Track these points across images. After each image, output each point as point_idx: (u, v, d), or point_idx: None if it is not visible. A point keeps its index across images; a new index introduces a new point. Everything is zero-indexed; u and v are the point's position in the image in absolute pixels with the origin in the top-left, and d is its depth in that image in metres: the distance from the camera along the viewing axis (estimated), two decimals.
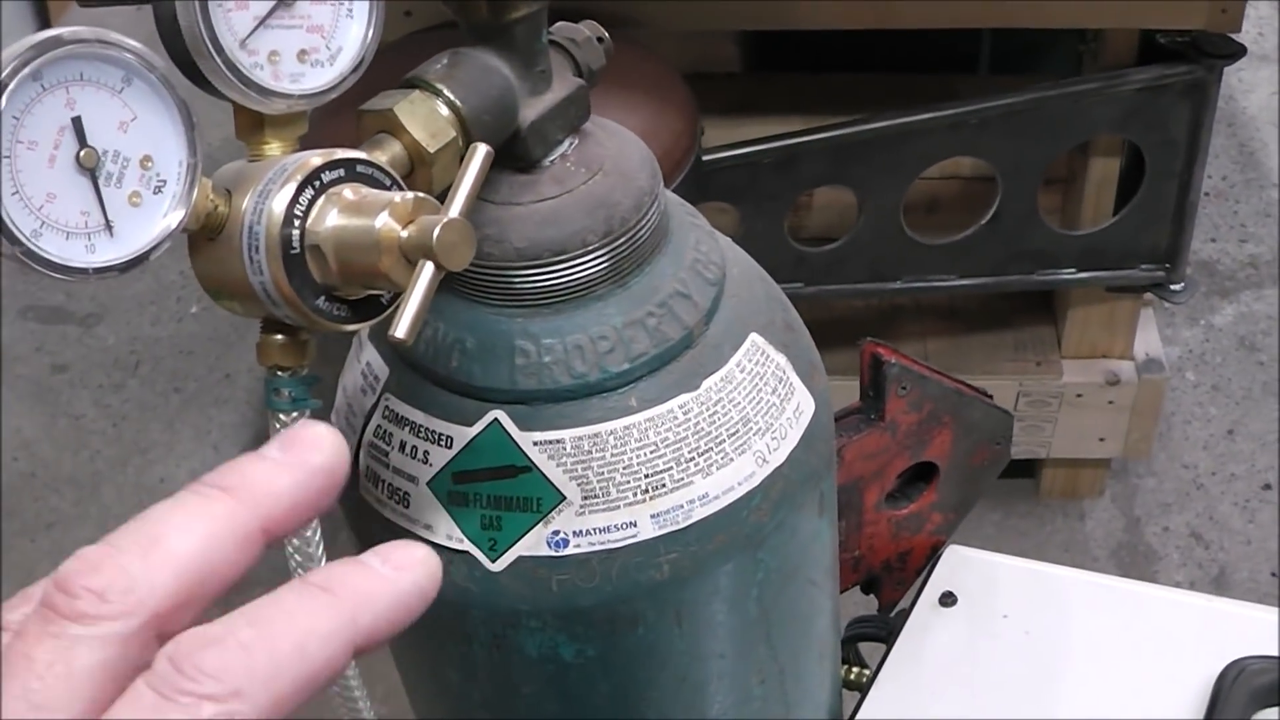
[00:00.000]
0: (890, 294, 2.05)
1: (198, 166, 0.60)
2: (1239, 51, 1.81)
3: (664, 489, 0.71)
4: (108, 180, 0.57)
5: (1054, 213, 2.05)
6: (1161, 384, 2.11)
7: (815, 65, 2.19)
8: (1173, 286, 2.01)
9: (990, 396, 0.98)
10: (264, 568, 0.49)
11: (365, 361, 0.77)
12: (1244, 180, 2.74)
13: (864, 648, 1.05)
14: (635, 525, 0.71)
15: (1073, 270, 2.00)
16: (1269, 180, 2.74)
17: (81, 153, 0.56)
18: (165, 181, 0.59)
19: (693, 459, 0.71)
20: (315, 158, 0.61)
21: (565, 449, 0.70)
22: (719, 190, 1.85)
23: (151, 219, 0.59)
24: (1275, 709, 0.89)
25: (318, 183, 0.60)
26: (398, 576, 0.49)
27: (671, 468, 0.71)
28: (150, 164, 0.59)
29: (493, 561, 0.72)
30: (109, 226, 0.58)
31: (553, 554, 0.71)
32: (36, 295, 2.68)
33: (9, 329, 2.64)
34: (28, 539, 2.25)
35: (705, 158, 1.81)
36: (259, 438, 2.38)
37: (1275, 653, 0.90)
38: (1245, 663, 0.90)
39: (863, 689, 0.98)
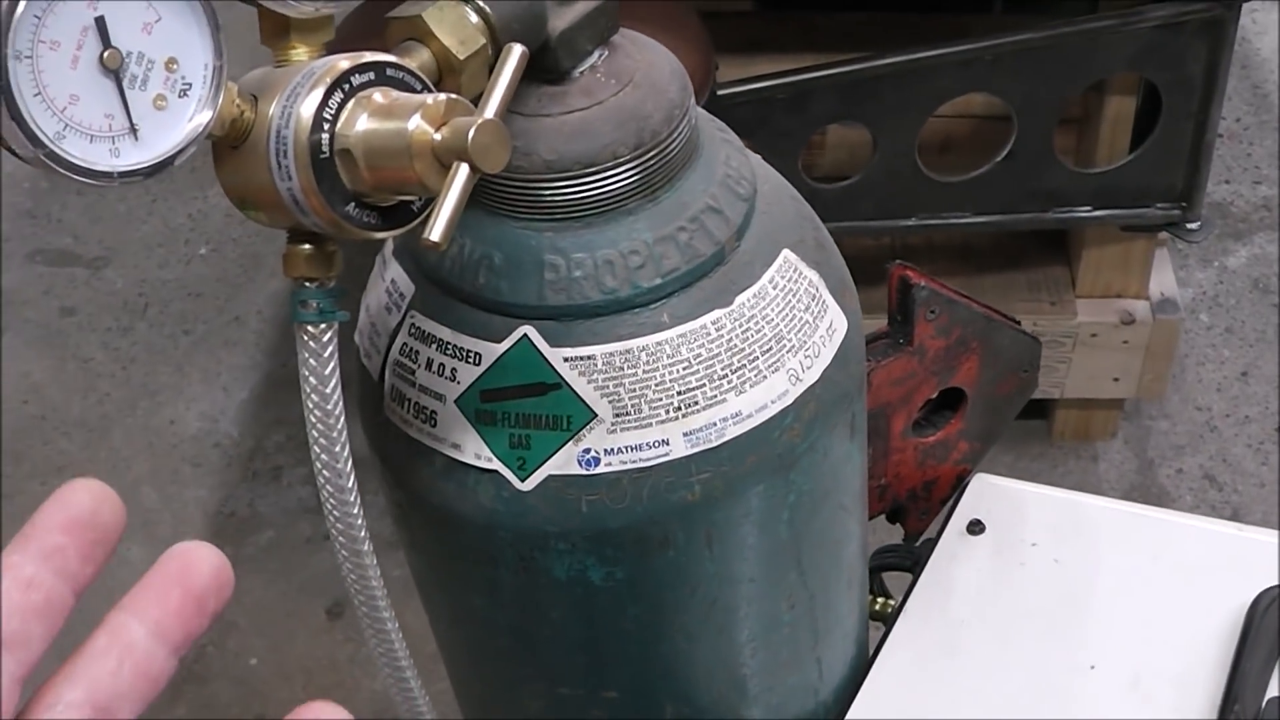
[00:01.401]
0: (903, 231, 2.03)
1: (223, 70, 0.58)
2: None
3: (696, 406, 0.70)
4: (132, 83, 0.56)
5: (1069, 152, 2.03)
6: (1176, 324, 2.09)
7: (827, 4, 2.17)
8: (1189, 225, 1.99)
9: (1019, 323, 0.97)
10: None
11: (390, 279, 0.75)
12: (1258, 122, 2.71)
13: (889, 580, 1.04)
14: (667, 444, 0.70)
15: (1088, 209, 1.97)
16: None
17: (105, 54, 0.55)
18: (190, 85, 0.58)
19: (725, 376, 0.70)
20: (344, 61, 0.59)
21: (596, 365, 0.69)
22: (733, 127, 1.82)
23: (177, 123, 0.57)
24: None
25: (347, 86, 0.59)
26: None
27: (704, 385, 0.70)
28: (175, 66, 0.57)
29: (522, 481, 0.71)
30: (134, 130, 0.56)
31: (583, 473, 0.70)
32: (44, 238, 2.67)
33: (18, 273, 2.62)
34: (38, 482, 2.23)
35: (719, 92, 1.79)
36: (267, 380, 2.37)
37: None
38: (1276, 592, 0.89)
39: (888, 620, 0.97)
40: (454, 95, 0.58)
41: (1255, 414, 2.27)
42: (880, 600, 1.01)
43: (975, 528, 0.97)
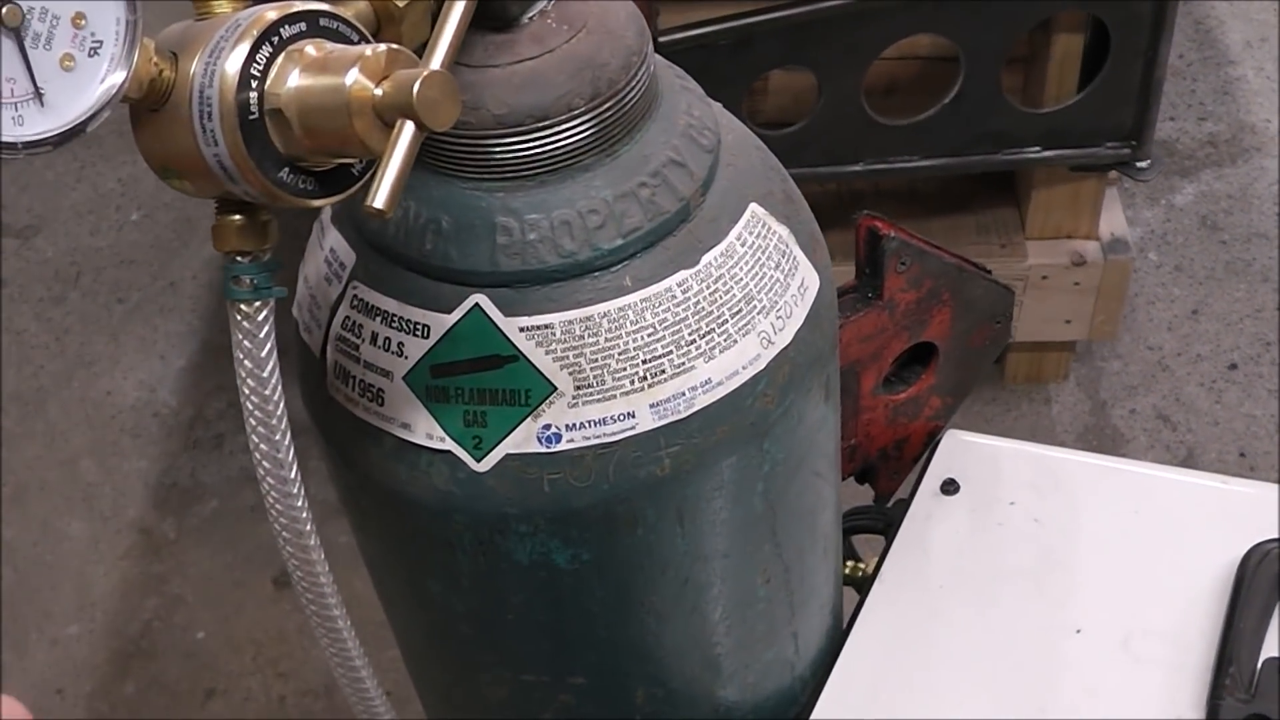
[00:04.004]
0: (850, 177, 1.99)
1: (138, 25, 0.53)
2: None
3: (663, 375, 0.65)
4: (35, 41, 0.50)
5: (1016, 92, 2.00)
6: (1127, 265, 2.06)
7: None
8: (1139, 164, 1.96)
9: (990, 272, 0.93)
10: None
11: (329, 248, 0.70)
12: (1201, 59, 2.69)
13: (859, 542, 1.00)
14: (633, 416, 0.65)
15: (1037, 149, 1.94)
16: (1225, 58, 2.69)
17: (4, 10, 0.49)
18: (101, 42, 0.52)
19: (694, 341, 0.65)
20: (271, 11, 0.54)
21: (554, 335, 0.64)
22: None
23: (87, 85, 0.52)
24: None
25: (276, 39, 0.53)
26: None
27: (671, 352, 0.65)
28: (83, 22, 0.52)
29: (478, 461, 0.66)
30: (39, 95, 0.51)
31: (544, 450, 0.65)
32: None
33: None
34: None
35: (660, 39, 1.74)
36: (205, 347, 2.32)
37: None
38: (1268, 546, 0.85)
39: (861, 585, 0.93)
40: (396, 46, 0.53)
41: (1206, 352, 2.25)
42: (851, 564, 0.97)
43: (949, 487, 0.93)
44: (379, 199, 0.50)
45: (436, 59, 0.53)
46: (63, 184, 2.62)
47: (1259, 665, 0.81)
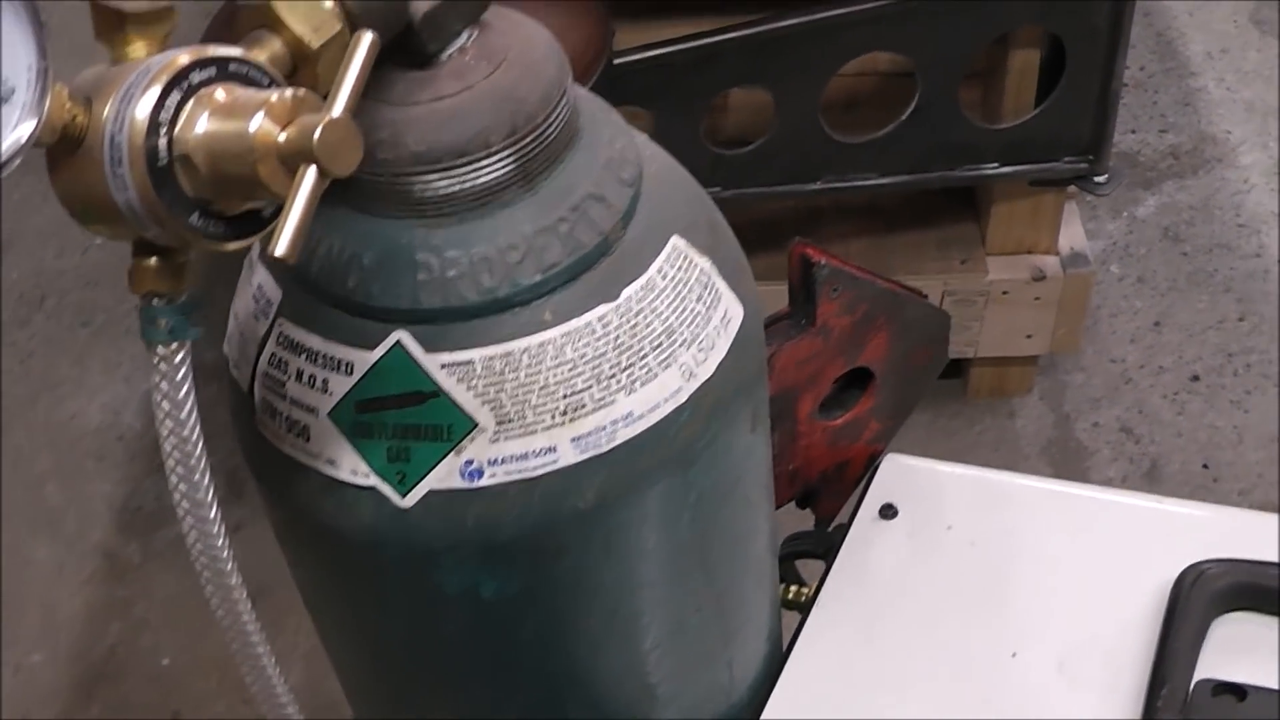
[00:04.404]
0: (811, 194, 2.00)
1: (49, 71, 0.53)
2: None
3: (584, 409, 0.65)
4: None
5: (974, 107, 2.00)
6: (1088, 278, 2.07)
7: None
8: (1097, 178, 1.97)
9: (925, 296, 0.93)
10: None
11: (257, 284, 0.70)
12: (1163, 70, 2.70)
13: (801, 565, 1.00)
14: (555, 450, 0.65)
15: (996, 165, 1.95)
16: (1187, 69, 2.70)
17: None
18: (14, 90, 0.52)
19: (614, 375, 0.66)
20: (183, 56, 0.54)
21: (475, 370, 0.64)
22: (633, 94, 1.79)
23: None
24: (1236, 613, 0.85)
25: (186, 84, 0.54)
26: None
27: (592, 386, 0.65)
28: None
29: (402, 496, 0.66)
30: None
31: (467, 485, 0.65)
32: None
33: None
34: None
35: (617, 61, 1.74)
36: None
37: (1231, 555, 0.86)
38: (1202, 567, 0.86)
39: (802, 608, 0.93)
40: (301, 91, 0.53)
41: (1169, 363, 2.26)
42: (794, 588, 0.97)
43: (888, 511, 0.94)
44: (281, 245, 0.51)
45: (339, 105, 0.53)
46: (28, 206, 2.61)
47: (1192, 686, 0.82)
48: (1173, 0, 2.80)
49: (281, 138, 0.52)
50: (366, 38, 0.55)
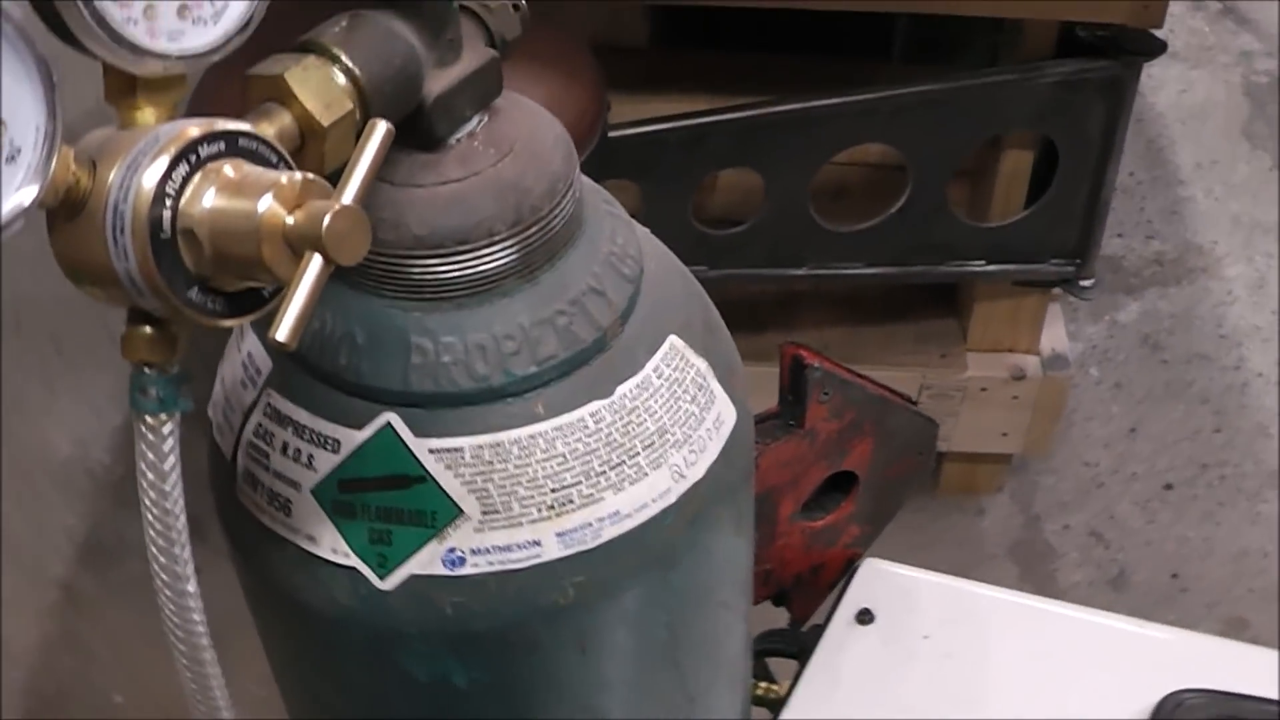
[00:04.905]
0: (794, 280, 2.00)
1: (57, 134, 0.52)
2: (1159, 48, 1.77)
3: (572, 505, 0.65)
4: None
5: (963, 205, 2.01)
6: (1066, 381, 2.07)
7: (724, 43, 2.13)
8: (1082, 283, 1.97)
9: (915, 403, 0.93)
10: None
11: (246, 352, 0.70)
12: (1151, 178, 2.71)
13: (773, 662, 0.99)
14: (539, 544, 0.65)
15: (981, 263, 1.95)
16: (1175, 177, 2.71)
17: None
18: (20, 150, 0.52)
19: (604, 473, 0.65)
20: (193, 128, 0.53)
21: (464, 458, 0.63)
22: (624, 167, 1.79)
23: (2, 193, 0.51)
24: None
25: (194, 157, 0.53)
26: None
27: (580, 482, 0.65)
28: (2, 129, 0.51)
29: (381, 579, 0.65)
30: None
31: (447, 573, 0.65)
32: None
33: None
34: None
35: (611, 134, 1.74)
36: None
37: (1209, 684, 0.85)
38: (1182, 696, 0.85)
39: (772, 707, 0.92)
40: (311, 175, 0.53)
41: (1142, 471, 2.26)
42: (764, 685, 0.97)
43: (865, 617, 0.93)
44: (282, 331, 0.50)
45: (349, 193, 0.52)
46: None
47: None
48: (1165, 109, 2.82)
49: (289, 221, 0.51)
50: (381, 127, 0.55)
